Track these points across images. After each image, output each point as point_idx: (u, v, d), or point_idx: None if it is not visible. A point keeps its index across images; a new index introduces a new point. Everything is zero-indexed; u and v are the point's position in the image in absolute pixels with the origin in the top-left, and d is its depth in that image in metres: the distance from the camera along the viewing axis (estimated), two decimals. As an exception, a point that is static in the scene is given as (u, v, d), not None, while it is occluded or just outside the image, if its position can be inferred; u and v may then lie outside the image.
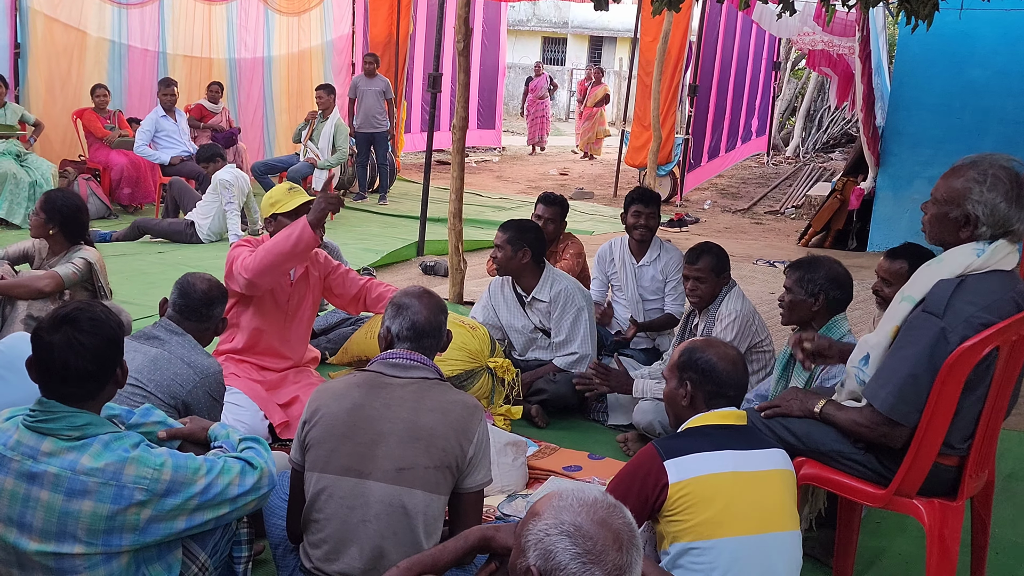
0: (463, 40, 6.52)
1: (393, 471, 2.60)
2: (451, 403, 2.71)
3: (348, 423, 2.65)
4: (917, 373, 2.72)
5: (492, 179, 14.96)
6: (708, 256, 4.41)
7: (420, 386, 2.72)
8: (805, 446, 3.04)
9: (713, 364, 2.68)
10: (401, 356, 2.78)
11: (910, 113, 9.90)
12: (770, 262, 9.38)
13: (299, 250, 4.03)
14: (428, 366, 2.79)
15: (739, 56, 14.74)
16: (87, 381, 2.41)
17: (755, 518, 2.50)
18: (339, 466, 2.63)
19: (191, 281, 3.56)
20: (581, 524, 1.71)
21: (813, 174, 15.17)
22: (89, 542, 2.35)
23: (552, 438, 4.51)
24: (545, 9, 30.95)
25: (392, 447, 2.61)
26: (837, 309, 3.63)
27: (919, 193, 9.62)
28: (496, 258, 4.89)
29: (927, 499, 2.85)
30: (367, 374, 2.77)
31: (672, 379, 2.77)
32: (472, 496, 2.71)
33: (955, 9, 6.45)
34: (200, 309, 3.47)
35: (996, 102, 9.41)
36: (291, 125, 12.81)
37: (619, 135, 14.48)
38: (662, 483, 2.49)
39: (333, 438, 2.66)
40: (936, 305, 2.75)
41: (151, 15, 10.86)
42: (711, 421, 2.65)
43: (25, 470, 2.36)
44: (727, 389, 2.68)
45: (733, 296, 4.42)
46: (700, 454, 2.54)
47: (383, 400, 2.68)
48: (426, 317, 2.82)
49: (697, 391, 2.69)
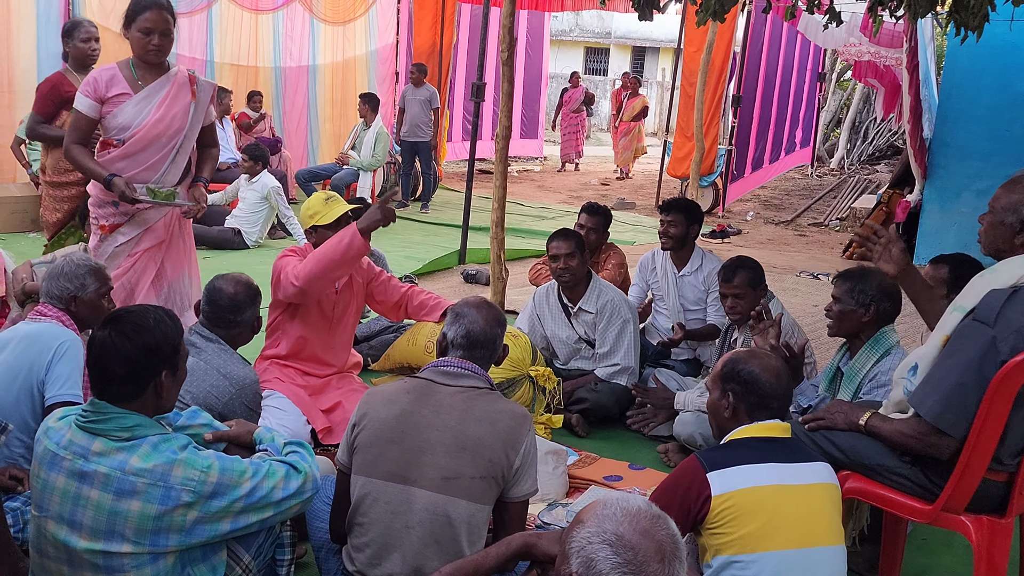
0: (507, 50, 6.54)
1: (439, 480, 2.60)
2: (499, 413, 2.70)
3: (396, 429, 2.67)
4: (965, 382, 2.69)
5: (533, 188, 14.97)
6: (743, 272, 4.40)
7: (469, 395, 2.72)
8: (850, 459, 3.02)
9: (756, 375, 2.67)
10: (452, 364, 2.79)
11: (959, 125, 9.76)
12: (814, 274, 9.29)
13: (349, 257, 4.04)
14: (479, 375, 2.79)
15: (784, 67, 14.64)
16: (122, 383, 2.43)
17: (799, 532, 2.48)
18: (385, 471, 2.65)
19: (218, 287, 3.57)
20: (623, 533, 1.70)
21: (858, 186, 15.01)
22: (136, 541, 2.38)
23: (593, 447, 4.51)
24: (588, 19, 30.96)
25: (439, 456, 2.62)
26: (886, 320, 3.59)
27: (967, 206, 9.49)
28: (570, 268, 4.82)
29: (975, 516, 2.81)
30: (418, 381, 2.78)
31: (715, 390, 2.75)
32: (517, 505, 2.71)
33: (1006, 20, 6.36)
34: (227, 316, 3.49)
35: (1048, 115, 9.26)
36: (335, 133, 12.95)
37: (661, 145, 14.44)
38: (705, 495, 2.48)
39: (380, 443, 2.67)
40: (987, 314, 2.71)
41: (199, 24, 11.03)
42: (755, 433, 2.63)
43: (76, 469, 2.40)
44: (770, 401, 2.66)
45: (772, 307, 4.39)
46: (743, 466, 2.53)
47: (432, 407, 2.69)
48: (481, 328, 2.83)
49: (740, 403, 2.67)
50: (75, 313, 3.42)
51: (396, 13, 13.60)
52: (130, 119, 4.28)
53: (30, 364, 3.20)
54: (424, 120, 11.66)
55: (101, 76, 4.30)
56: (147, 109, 4.29)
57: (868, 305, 3.56)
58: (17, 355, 3.21)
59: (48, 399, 3.19)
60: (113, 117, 4.29)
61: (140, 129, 4.28)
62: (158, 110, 4.30)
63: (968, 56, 9.21)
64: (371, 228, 4.01)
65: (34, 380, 3.20)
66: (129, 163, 4.29)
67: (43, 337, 3.26)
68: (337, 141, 12.78)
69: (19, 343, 3.26)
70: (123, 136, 4.30)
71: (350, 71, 13.18)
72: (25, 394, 3.19)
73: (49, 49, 9.50)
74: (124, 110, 4.28)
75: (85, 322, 3.45)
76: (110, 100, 4.29)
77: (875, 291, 3.57)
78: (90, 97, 4.28)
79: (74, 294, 3.41)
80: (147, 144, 4.30)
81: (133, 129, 4.28)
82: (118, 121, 4.29)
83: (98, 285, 3.46)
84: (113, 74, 4.30)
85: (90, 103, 4.28)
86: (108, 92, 4.28)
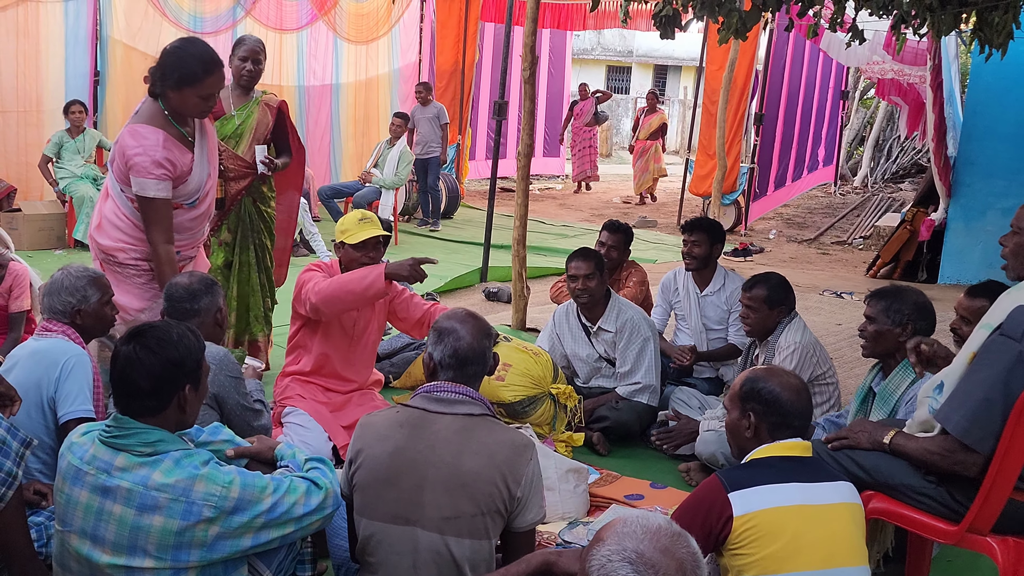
0: (529, 68, 6.57)
1: (439, 519, 2.55)
2: (497, 444, 2.60)
3: (391, 468, 2.60)
4: (992, 397, 2.67)
5: (555, 207, 14.98)
6: (761, 286, 4.40)
7: (465, 423, 2.63)
8: (874, 479, 2.99)
9: (777, 394, 2.64)
10: (445, 389, 2.68)
11: (983, 143, 9.71)
12: (837, 293, 9.23)
13: (368, 295, 4.10)
14: (474, 399, 2.69)
15: (806, 85, 14.61)
16: (146, 398, 2.45)
17: (822, 553, 2.45)
18: (386, 514, 2.61)
19: (173, 281, 3.58)
20: (644, 551, 1.69)
21: (882, 204, 14.94)
22: (159, 556, 2.39)
23: (613, 466, 4.49)
24: (610, 38, 31.02)
25: (438, 495, 2.55)
26: None
27: (992, 225, 9.42)
28: (589, 289, 4.81)
29: (1001, 537, 2.78)
30: (410, 411, 2.69)
31: (734, 410, 2.73)
32: (523, 535, 2.64)
33: (1031, 38, 6.32)
34: (183, 305, 3.47)
35: (1074, 133, 9.20)
36: (357, 151, 13.02)
37: (683, 163, 14.42)
38: (726, 515, 2.46)
39: (377, 484, 2.62)
40: (1015, 329, 2.69)
41: (224, 43, 11.06)
42: (776, 452, 2.61)
43: (99, 484, 2.41)
44: (792, 419, 2.64)
45: (793, 328, 4.37)
46: (765, 486, 2.50)
47: (427, 441, 2.60)
48: (468, 343, 2.72)
49: (761, 422, 2.65)
50: (80, 325, 3.42)
51: (419, 32, 13.70)
52: (199, 182, 4.10)
53: (38, 381, 3.22)
54: (434, 137, 11.72)
55: (164, 153, 3.86)
56: (204, 166, 4.12)
57: (905, 324, 3.52)
58: (26, 373, 3.24)
59: (62, 416, 3.21)
60: (185, 186, 3.99)
61: (207, 187, 4.16)
62: (210, 163, 4.19)
63: (993, 74, 9.17)
64: (396, 278, 4.07)
65: (44, 396, 3.22)
66: (197, 220, 4.17)
67: (50, 353, 3.28)
68: (359, 159, 12.86)
69: (27, 360, 3.29)
70: (195, 199, 4.10)
71: (373, 90, 13.28)
72: (36, 411, 3.21)
73: (77, 68, 9.66)
74: (193, 176, 4.04)
75: (90, 332, 3.48)
76: (182, 174, 3.97)
77: (911, 309, 3.53)
78: (169, 179, 3.89)
79: (77, 307, 3.41)
80: (209, 196, 4.24)
81: (203, 192, 4.13)
82: (190, 189, 4.03)
83: (100, 294, 3.46)
84: (166, 139, 3.90)
85: (168, 186, 3.90)
86: (178, 167, 3.94)
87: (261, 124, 5.13)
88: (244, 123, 5.09)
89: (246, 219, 5.19)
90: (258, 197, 5.23)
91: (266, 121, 5.15)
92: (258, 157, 5.05)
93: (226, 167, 4.99)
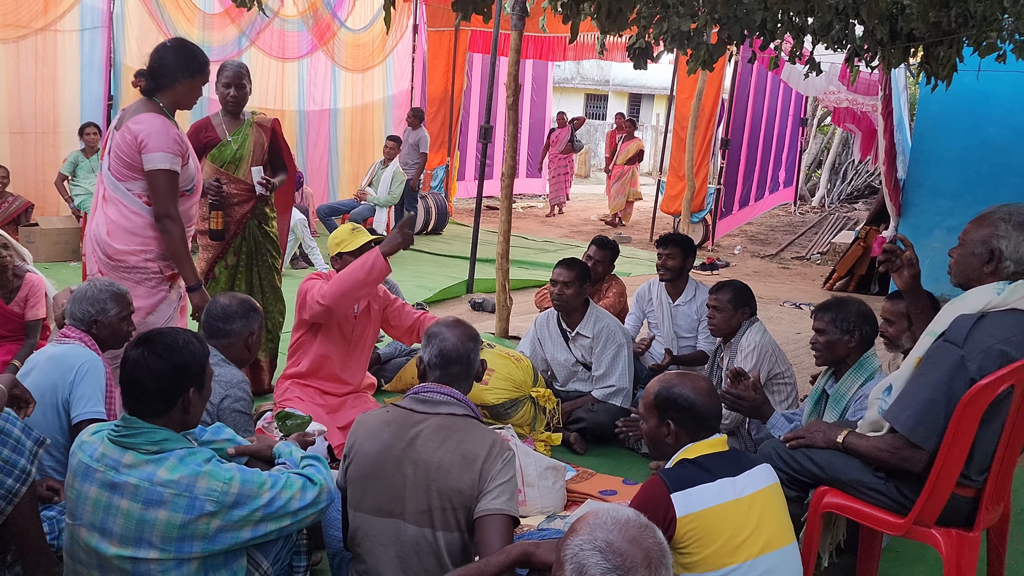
0: (513, 96, 6.59)
1: (417, 513, 2.55)
2: (471, 443, 2.56)
3: (377, 464, 2.60)
4: (936, 398, 2.69)
5: (537, 224, 14.99)
6: (726, 290, 4.46)
7: (446, 423, 2.62)
8: (828, 475, 3.00)
9: (692, 400, 2.60)
10: (431, 390, 2.69)
11: (930, 167, 9.79)
12: (796, 304, 9.28)
13: (372, 278, 4.11)
14: (457, 400, 2.68)
15: (768, 112, 14.70)
16: (153, 400, 2.44)
17: (759, 541, 2.45)
18: (371, 507, 2.61)
19: (215, 299, 3.51)
20: (613, 541, 1.70)
21: (837, 223, 15.01)
22: (163, 548, 2.38)
23: (589, 464, 4.49)
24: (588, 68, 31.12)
25: (417, 490, 2.55)
26: (867, 345, 3.58)
27: (938, 241, 9.48)
28: (564, 295, 4.82)
29: (945, 529, 2.79)
30: (398, 411, 2.69)
31: (651, 418, 2.67)
32: (488, 519, 2.49)
33: (973, 71, 6.39)
34: (216, 324, 3.39)
35: (1012, 157, 9.28)
36: (353, 172, 13.02)
37: (655, 184, 14.46)
38: (671, 516, 2.42)
39: (365, 479, 2.62)
40: (957, 336, 2.72)
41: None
42: (703, 451, 2.58)
43: (108, 480, 2.40)
44: (708, 421, 2.62)
45: (753, 330, 4.42)
46: (702, 486, 2.47)
47: (409, 440, 2.60)
48: (453, 344, 2.73)
49: (681, 428, 2.61)
50: (96, 335, 3.40)
51: (411, 62, 13.72)
52: (195, 168, 4.07)
53: (54, 384, 3.21)
54: (410, 160, 11.71)
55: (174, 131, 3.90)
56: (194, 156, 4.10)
57: (852, 331, 3.55)
58: (43, 376, 3.22)
59: (74, 417, 3.19)
60: (187, 169, 3.96)
61: (197, 178, 4.12)
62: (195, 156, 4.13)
63: (939, 103, 9.24)
64: (392, 251, 4.08)
65: (59, 398, 3.21)
66: (190, 211, 4.07)
67: (66, 358, 3.26)
68: (355, 179, 12.86)
69: (44, 364, 3.27)
70: (192, 185, 4.05)
71: (368, 115, 13.29)
72: (52, 411, 3.19)
73: (92, 93, 9.62)
74: (191, 162, 4.02)
75: (106, 343, 3.44)
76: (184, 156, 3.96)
77: (855, 317, 3.56)
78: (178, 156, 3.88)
79: (95, 317, 3.40)
80: (199, 189, 4.16)
81: (196, 180, 4.09)
82: (190, 173, 4.00)
83: (119, 309, 3.44)
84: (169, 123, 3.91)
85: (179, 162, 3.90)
86: (183, 147, 3.95)
87: (258, 145, 4.95)
88: (242, 147, 4.90)
89: (251, 242, 4.98)
90: (261, 218, 5.03)
91: (262, 141, 4.98)
92: (255, 179, 4.90)
93: (229, 193, 4.85)
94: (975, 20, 4.56)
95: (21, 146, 9.36)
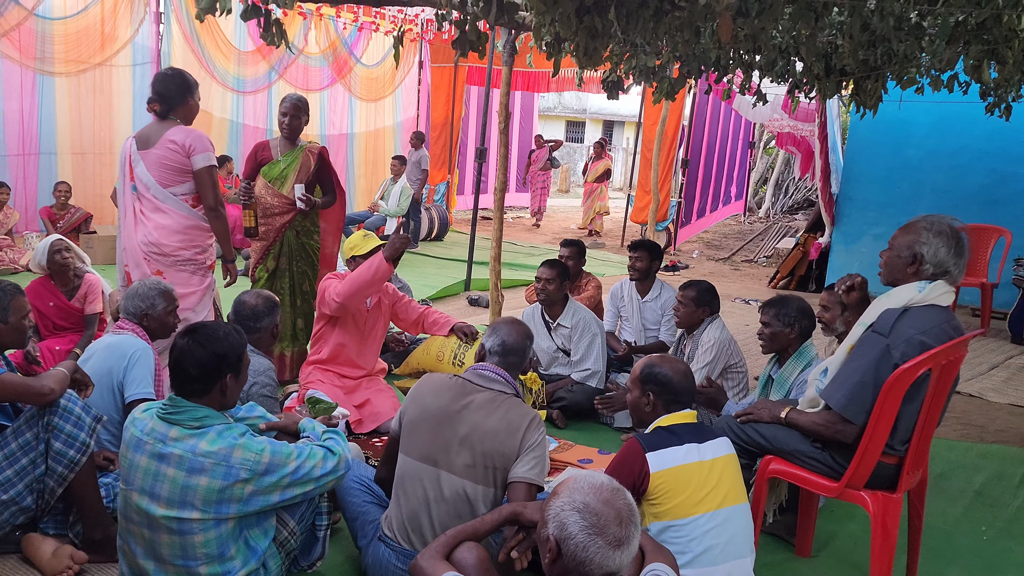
0: (504, 122, 6.58)
1: (461, 466, 2.56)
2: (516, 416, 2.62)
3: (436, 418, 2.63)
4: (865, 380, 2.70)
5: (525, 231, 14.97)
6: (692, 288, 4.43)
7: (495, 397, 2.66)
8: (773, 446, 3.01)
9: (669, 377, 2.68)
10: (489, 369, 2.75)
11: (859, 183, 9.83)
12: (745, 300, 9.30)
13: (377, 278, 4.09)
14: (508, 382, 2.73)
15: (722, 136, 14.72)
16: (195, 382, 2.43)
17: (717, 497, 2.49)
18: (420, 453, 2.61)
19: (242, 300, 3.55)
20: (589, 502, 1.71)
21: (781, 231, 15.05)
22: (204, 510, 2.38)
23: (569, 437, 4.48)
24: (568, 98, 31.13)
25: (464, 447, 2.57)
26: (806, 336, 3.59)
27: (866, 247, 9.54)
28: (547, 290, 4.82)
29: (872, 491, 2.80)
30: (460, 380, 2.73)
31: (635, 390, 2.75)
32: (518, 486, 2.55)
33: (895, 101, 6.41)
34: (248, 323, 3.46)
35: (928, 176, 9.33)
36: (367, 189, 12.99)
37: (626, 198, 14.46)
38: (645, 471, 2.49)
39: (422, 428, 2.64)
40: (883, 327, 2.73)
41: (262, 100, 11.08)
42: (675, 421, 2.65)
43: (156, 451, 2.39)
44: (681, 396, 2.69)
45: (714, 326, 4.39)
46: (671, 448, 2.53)
47: (464, 404, 2.64)
48: (514, 339, 2.81)
49: (658, 400, 2.69)
50: (147, 327, 3.39)
51: (417, 93, 13.70)
52: None
53: (110, 369, 3.19)
54: (413, 176, 11.67)
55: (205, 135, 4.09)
56: None
57: (792, 324, 3.56)
58: (101, 362, 3.21)
59: (128, 397, 3.18)
60: None
61: None
62: None
63: (867, 128, 9.30)
64: (393, 255, 4.06)
65: (114, 381, 3.19)
66: None
67: (120, 347, 3.25)
68: (369, 193, 12.83)
69: (103, 352, 3.26)
70: None
71: (380, 138, 13.27)
72: (108, 392, 3.18)
73: (142, 119, 9.55)
74: None
75: (155, 334, 3.42)
76: None
77: (796, 312, 3.57)
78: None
79: (145, 311, 3.38)
80: None
81: None
82: None
83: (165, 304, 3.42)
84: None
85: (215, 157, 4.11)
86: None
87: (303, 167, 4.89)
88: (289, 166, 4.85)
89: (287, 250, 4.92)
90: (301, 231, 4.95)
91: (308, 164, 4.91)
92: (296, 195, 4.82)
93: (271, 204, 4.84)
94: (898, 58, 4.57)
95: (81, 165, 9.32)
